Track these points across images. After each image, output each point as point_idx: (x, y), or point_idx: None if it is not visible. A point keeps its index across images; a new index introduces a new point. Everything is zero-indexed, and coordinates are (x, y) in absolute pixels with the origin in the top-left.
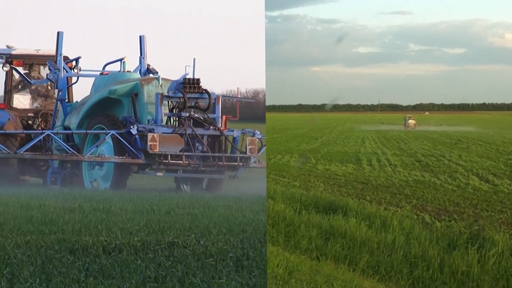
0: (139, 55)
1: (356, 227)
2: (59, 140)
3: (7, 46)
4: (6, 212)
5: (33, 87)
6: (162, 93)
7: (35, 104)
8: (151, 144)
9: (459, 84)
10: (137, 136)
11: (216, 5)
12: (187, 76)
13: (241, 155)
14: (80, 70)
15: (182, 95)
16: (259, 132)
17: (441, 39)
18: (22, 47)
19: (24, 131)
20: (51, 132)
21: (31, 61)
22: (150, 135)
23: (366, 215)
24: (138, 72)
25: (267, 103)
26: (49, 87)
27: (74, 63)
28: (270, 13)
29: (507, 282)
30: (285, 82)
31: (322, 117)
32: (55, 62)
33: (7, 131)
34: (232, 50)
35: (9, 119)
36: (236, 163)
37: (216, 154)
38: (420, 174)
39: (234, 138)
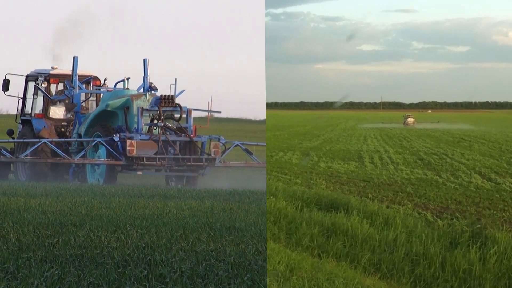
0: (143, 75)
1: (358, 225)
2: (53, 146)
3: (52, 67)
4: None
5: (66, 101)
6: (142, 107)
7: (68, 115)
8: (129, 149)
9: (463, 82)
10: (119, 142)
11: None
12: (167, 93)
13: (207, 156)
14: (91, 87)
15: (158, 109)
16: (223, 138)
17: (445, 37)
18: (60, 68)
19: (24, 140)
20: (47, 141)
21: (64, 79)
22: (128, 141)
23: (368, 213)
24: (142, 89)
25: (267, 100)
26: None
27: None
28: (273, 11)
29: (508, 281)
30: (287, 80)
31: (325, 115)
32: (71, 81)
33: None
34: (232, 49)
35: (44, 126)
36: (202, 164)
37: (185, 156)
38: (422, 172)
39: (202, 143)
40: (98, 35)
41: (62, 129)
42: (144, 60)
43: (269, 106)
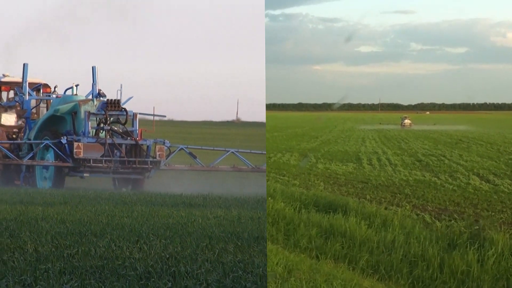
0: (92, 81)
1: (356, 226)
2: (3, 148)
3: (3, 75)
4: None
5: (18, 108)
6: (89, 111)
7: (20, 122)
8: (76, 151)
9: (461, 84)
10: (66, 145)
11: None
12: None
13: (152, 159)
14: (41, 94)
15: (104, 113)
16: (168, 142)
17: (443, 38)
18: (12, 75)
19: None
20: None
21: (15, 86)
22: (75, 144)
23: (366, 215)
24: (91, 95)
25: (267, 101)
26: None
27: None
28: (272, 12)
29: (507, 282)
30: (286, 81)
31: (324, 116)
32: (21, 88)
33: None
34: (232, 49)
35: None
36: (147, 166)
37: (130, 159)
38: (420, 173)
39: (147, 147)
40: (56, 41)
41: (14, 136)
42: (93, 67)
43: (268, 107)
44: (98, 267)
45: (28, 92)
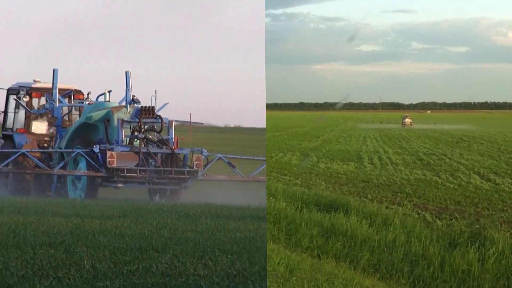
0: (125, 87)
1: (357, 226)
2: (33, 157)
3: (34, 80)
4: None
5: (49, 115)
6: (122, 119)
7: (51, 130)
8: (109, 160)
9: (462, 83)
10: (99, 154)
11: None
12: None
13: (189, 169)
14: (73, 101)
15: (138, 120)
16: (206, 151)
17: (444, 38)
18: (43, 82)
19: (1, 151)
20: (26, 151)
21: (46, 93)
22: (109, 153)
23: (367, 214)
24: (124, 102)
25: (267, 101)
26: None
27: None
28: (273, 11)
29: (507, 281)
30: (287, 80)
31: (326, 115)
32: (51, 94)
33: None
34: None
35: (26, 141)
36: (184, 176)
37: (166, 169)
38: (421, 172)
39: (184, 156)
40: (84, 47)
41: (45, 144)
42: (126, 72)
43: (269, 107)
44: (159, 284)
45: (59, 99)
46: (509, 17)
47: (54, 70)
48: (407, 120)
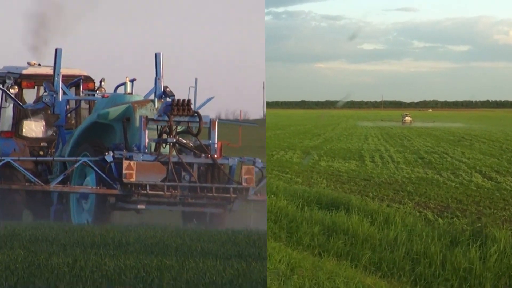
0: (155, 75)
1: (358, 224)
2: (21, 169)
3: (28, 64)
4: None
5: (48, 112)
6: (147, 116)
7: (50, 132)
8: (126, 173)
9: (463, 81)
10: (112, 163)
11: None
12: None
13: (236, 186)
14: (82, 92)
15: (168, 119)
16: (260, 161)
17: (446, 36)
18: (42, 65)
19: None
20: (12, 159)
21: (44, 81)
22: (125, 163)
23: (369, 212)
24: (153, 95)
25: (267, 99)
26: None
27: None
28: (275, 10)
29: (509, 279)
30: (288, 78)
31: (327, 114)
32: (52, 83)
33: None
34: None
35: (14, 149)
36: (230, 195)
37: (205, 185)
38: (423, 171)
39: (230, 167)
40: (94, 23)
41: (41, 152)
42: (156, 54)
43: (270, 105)
44: None
45: (62, 90)
46: (510, 15)
47: (56, 50)
48: (407, 118)
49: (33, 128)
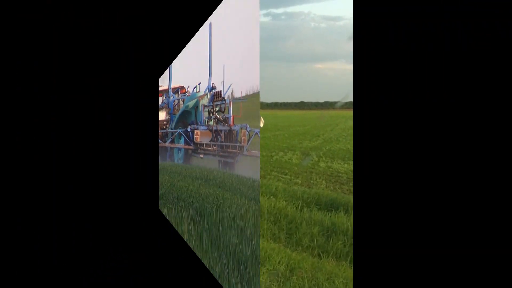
0: (208, 77)
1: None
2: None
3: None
4: None
5: (167, 106)
6: (204, 104)
7: (167, 117)
8: (195, 137)
9: None
10: (190, 132)
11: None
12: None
13: (239, 144)
14: (179, 95)
15: (212, 104)
16: (248, 126)
17: None
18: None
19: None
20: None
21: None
22: (195, 131)
23: None
24: (208, 90)
25: (261, 100)
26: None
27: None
28: (274, 10)
29: None
30: (287, 79)
31: (326, 114)
32: (168, 92)
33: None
34: (229, 46)
35: None
36: (236, 151)
37: (227, 143)
38: None
39: (236, 132)
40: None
41: (164, 127)
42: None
43: (269, 106)
44: None
45: (171, 95)
46: None
47: (169, 71)
48: None
49: (161, 115)
